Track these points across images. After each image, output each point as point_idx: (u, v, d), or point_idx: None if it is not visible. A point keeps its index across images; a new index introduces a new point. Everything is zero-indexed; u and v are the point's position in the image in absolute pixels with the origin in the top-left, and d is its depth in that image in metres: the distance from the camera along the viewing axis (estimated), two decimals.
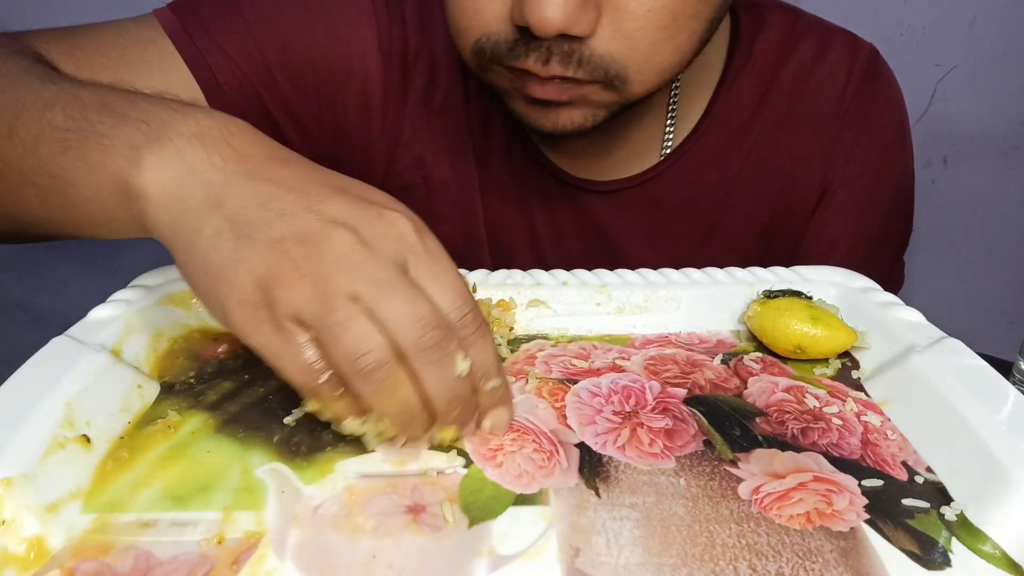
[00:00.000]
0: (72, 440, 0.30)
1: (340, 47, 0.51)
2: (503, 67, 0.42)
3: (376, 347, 0.28)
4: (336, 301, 0.28)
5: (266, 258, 0.28)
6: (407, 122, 0.54)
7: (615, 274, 0.45)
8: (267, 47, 0.50)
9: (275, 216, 0.29)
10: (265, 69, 0.50)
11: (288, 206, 0.30)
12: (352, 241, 0.29)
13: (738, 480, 0.31)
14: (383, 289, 0.29)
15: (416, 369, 0.29)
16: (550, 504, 0.30)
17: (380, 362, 0.29)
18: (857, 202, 0.57)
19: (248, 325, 0.29)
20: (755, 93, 0.55)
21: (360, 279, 0.29)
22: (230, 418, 0.34)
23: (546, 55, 0.40)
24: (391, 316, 0.29)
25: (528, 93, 0.43)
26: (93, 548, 0.27)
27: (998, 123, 0.95)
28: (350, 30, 0.51)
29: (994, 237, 1.02)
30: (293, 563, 0.27)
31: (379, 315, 0.29)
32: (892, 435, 0.35)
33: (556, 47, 0.39)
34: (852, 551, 0.28)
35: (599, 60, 0.40)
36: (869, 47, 0.56)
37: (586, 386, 0.37)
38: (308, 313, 0.28)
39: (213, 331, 0.41)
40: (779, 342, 0.40)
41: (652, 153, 0.55)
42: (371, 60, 0.52)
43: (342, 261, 0.29)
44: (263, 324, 0.29)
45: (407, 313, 0.29)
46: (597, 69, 0.41)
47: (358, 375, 0.29)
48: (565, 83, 0.42)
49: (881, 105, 0.56)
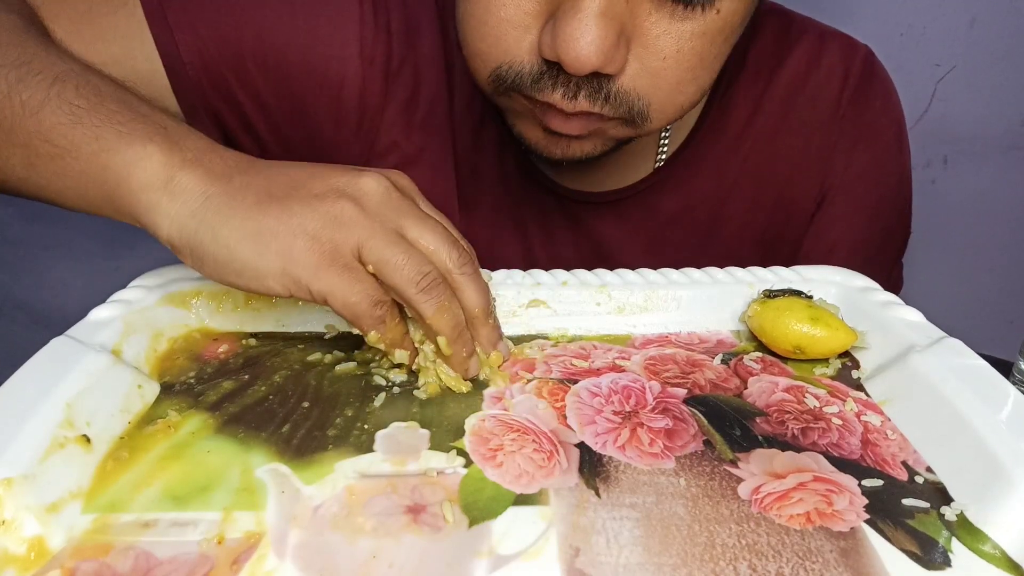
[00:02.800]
0: (72, 440, 0.30)
1: (319, 47, 0.50)
2: (523, 95, 0.41)
3: (431, 269, 0.35)
4: (390, 235, 0.34)
5: (316, 209, 0.33)
6: (384, 132, 0.52)
7: (615, 274, 0.45)
8: (243, 33, 0.48)
9: (307, 178, 0.35)
10: (237, 56, 0.49)
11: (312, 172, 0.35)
12: (385, 183, 0.35)
13: (738, 480, 0.31)
14: (417, 222, 0.35)
15: (457, 284, 0.36)
16: (550, 504, 0.30)
17: (437, 279, 0.35)
18: (856, 207, 0.57)
19: (318, 270, 0.33)
20: (750, 100, 0.54)
21: (400, 215, 0.35)
22: (230, 418, 0.34)
23: (574, 90, 0.39)
24: (432, 244, 0.35)
25: (548, 126, 0.42)
26: (93, 548, 0.27)
27: (998, 123, 0.95)
28: (332, 31, 0.50)
29: (994, 237, 1.02)
30: (293, 563, 0.27)
31: (421, 244, 0.35)
32: (892, 435, 0.35)
33: (584, 83, 0.39)
34: (852, 551, 0.28)
35: (624, 97, 0.40)
36: (864, 49, 0.56)
37: (586, 386, 0.37)
38: (369, 248, 0.33)
39: (213, 331, 0.41)
40: (779, 342, 0.40)
41: (647, 163, 0.54)
42: (349, 65, 0.50)
43: (382, 201, 0.35)
44: (332, 266, 0.33)
45: (440, 238, 0.35)
46: (622, 106, 0.40)
47: (422, 293, 0.34)
48: (590, 118, 0.41)
49: (878, 109, 0.56)
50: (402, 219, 0.35)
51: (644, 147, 0.53)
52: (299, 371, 0.38)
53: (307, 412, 0.35)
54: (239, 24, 0.48)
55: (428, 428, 0.34)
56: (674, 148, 0.54)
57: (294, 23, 0.49)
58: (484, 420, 0.35)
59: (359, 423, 0.34)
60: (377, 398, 0.36)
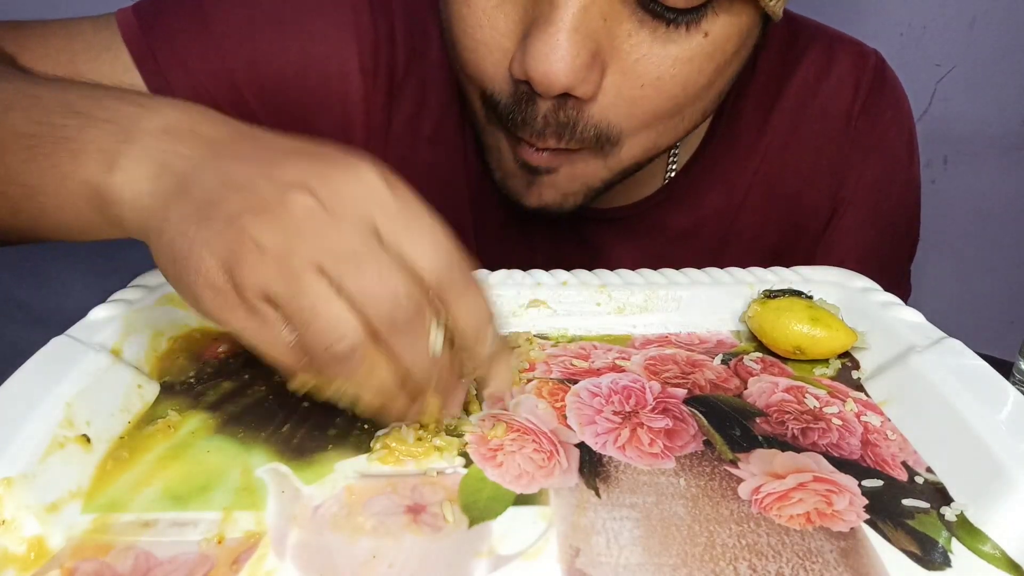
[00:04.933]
0: (72, 440, 0.30)
1: (316, 67, 0.47)
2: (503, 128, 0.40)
3: (348, 332, 0.26)
4: (302, 278, 0.26)
5: (226, 237, 0.26)
6: (391, 149, 0.50)
7: (615, 274, 0.45)
8: (234, 65, 0.46)
9: (233, 191, 0.27)
10: (232, 87, 0.46)
11: (245, 178, 0.27)
12: (311, 205, 0.26)
13: (738, 480, 0.31)
14: (349, 262, 0.26)
15: (391, 346, 0.27)
16: (550, 504, 0.30)
17: (353, 347, 0.27)
18: (867, 219, 0.56)
19: (219, 310, 0.27)
20: (759, 112, 0.53)
21: (323, 249, 0.26)
22: (230, 418, 0.34)
23: (542, 123, 0.38)
24: (360, 293, 0.26)
25: (521, 156, 0.41)
26: (93, 548, 0.27)
27: (998, 123, 0.95)
28: (328, 49, 0.47)
29: (994, 237, 1.02)
30: (293, 563, 0.27)
31: (347, 291, 0.26)
32: (892, 435, 0.35)
33: (552, 115, 0.37)
34: (852, 551, 0.28)
35: (594, 124, 0.38)
36: (875, 55, 0.54)
37: (586, 386, 0.37)
38: (276, 292, 0.26)
39: (213, 331, 0.41)
40: (779, 343, 0.40)
41: (655, 179, 0.53)
42: (351, 81, 0.48)
43: (303, 229, 0.26)
44: (235, 308, 0.27)
45: (377, 289, 0.26)
46: (589, 131, 0.38)
47: (332, 360, 0.27)
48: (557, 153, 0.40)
49: (889, 119, 0.54)
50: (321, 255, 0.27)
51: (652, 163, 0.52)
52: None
53: (307, 412, 0.35)
54: (230, 56, 0.46)
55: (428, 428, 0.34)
56: (683, 163, 0.53)
57: (286, 46, 0.47)
58: (484, 420, 0.35)
59: (359, 423, 0.34)
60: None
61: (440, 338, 0.28)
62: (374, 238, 0.27)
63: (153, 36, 0.45)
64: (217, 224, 0.27)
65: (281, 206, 0.26)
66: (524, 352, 0.41)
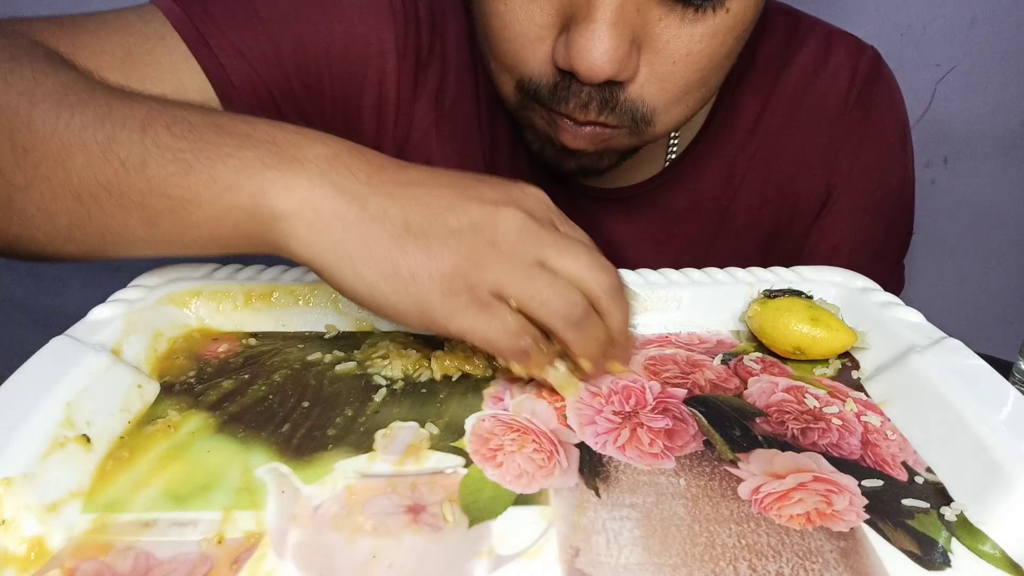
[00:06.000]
0: (72, 440, 0.30)
1: (359, 47, 0.49)
2: (543, 107, 0.42)
3: (580, 300, 0.33)
4: (531, 270, 0.32)
5: (455, 247, 0.32)
6: (416, 124, 0.53)
7: None
8: (282, 47, 0.48)
9: (445, 210, 0.32)
10: (280, 70, 0.48)
11: (451, 200, 0.33)
12: (522, 216, 0.33)
13: (738, 480, 0.31)
14: (561, 250, 0.33)
15: (605, 310, 0.34)
16: (550, 504, 0.30)
17: (587, 310, 0.33)
18: (860, 207, 0.57)
19: (455, 312, 0.32)
20: (758, 98, 0.54)
21: (541, 246, 0.33)
22: (230, 418, 0.34)
23: (586, 99, 0.40)
24: (577, 270, 0.33)
25: (560, 140, 0.43)
26: (93, 548, 0.27)
27: (998, 123, 0.95)
28: (369, 30, 0.50)
29: (994, 237, 1.02)
30: (293, 563, 0.27)
31: (567, 273, 0.33)
32: (892, 435, 0.35)
33: (596, 93, 0.39)
34: (852, 551, 0.28)
35: (630, 104, 0.40)
36: (871, 50, 0.56)
37: (586, 386, 0.37)
38: (509, 286, 0.32)
39: (213, 331, 0.41)
40: (778, 343, 0.40)
41: (657, 161, 0.55)
42: (388, 61, 0.50)
43: (521, 234, 0.33)
44: (468, 307, 0.32)
45: (586, 263, 0.33)
46: (626, 114, 0.41)
47: (572, 326, 0.33)
48: (596, 128, 0.42)
49: (883, 110, 0.56)
50: (542, 249, 0.33)
51: (655, 145, 0.54)
52: (299, 371, 0.38)
53: (307, 412, 0.35)
54: (278, 39, 0.48)
55: (428, 428, 0.34)
56: (684, 146, 0.55)
57: (331, 28, 0.49)
58: (484, 420, 0.35)
59: (359, 423, 0.34)
60: (377, 398, 0.36)
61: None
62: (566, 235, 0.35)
63: (203, 23, 0.46)
64: (442, 239, 0.32)
65: (496, 220, 0.33)
66: None
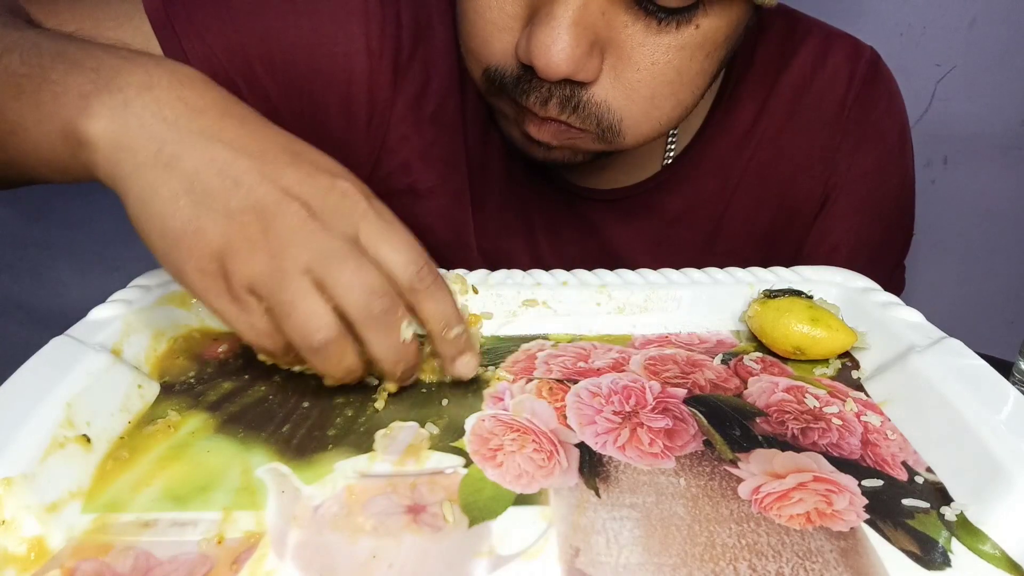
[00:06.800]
0: (72, 440, 0.30)
1: (324, 46, 0.49)
2: (509, 97, 0.42)
3: (325, 325, 0.31)
4: (288, 276, 0.30)
5: (223, 229, 0.30)
6: (393, 127, 0.52)
7: (615, 274, 0.45)
8: (248, 39, 0.48)
9: (232, 185, 0.30)
10: (245, 61, 0.48)
11: (244, 174, 0.31)
12: (305, 216, 0.31)
13: (738, 480, 0.31)
14: (332, 261, 0.30)
15: (364, 336, 0.32)
16: (550, 504, 0.30)
17: (328, 338, 0.31)
18: (859, 208, 0.57)
19: (205, 292, 0.31)
20: (756, 100, 0.54)
21: (311, 252, 0.30)
22: (230, 418, 0.34)
23: (546, 95, 0.40)
24: (340, 286, 0.30)
25: (526, 130, 0.43)
26: (93, 548, 0.27)
27: (998, 123, 0.95)
28: (336, 28, 0.49)
29: (994, 237, 1.02)
30: (293, 563, 0.27)
31: (328, 286, 0.30)
32: (892, 435, 0.35)
33: (557, 90, 0.40)
34: (852, 551, 0.28)
35: (595, 108, 0.40)
36: (869, 51, 0.56)
37: (586, 386, 0.37)
38: (262, 286, 0.30)
39: (213, 331, 0.41)
40: (778, 343, 0.40)
41: (654, 162, 0.55)
42: (356, 61, 0.50)
43: (296, 235, 0.30)
44: (220, 293, 0.31)
45: (355, 282, 0.31)
46: (591, 118, 0.41)
47: (308, 349, 0.31)
48: (560, 126, 0.42)
49: (882, 110, 0.56)
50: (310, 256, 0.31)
51: (651, 146, 0.53)
52: (299, 371, 0.38)
53: (307, 412, 0.35)
54: (244, 31, 0.48)
55: (428, 428, 0.34)
56: (681, 147, 0.55)
57: (298, 24, 0.49)
58: (484, 420, 0.35)
59: (359, 423, 0.34)
60: (377, 397, 0.36)
61: (410, 331, 0.33)
62: (356, 244, 0.32)
63: (173, 8, 0.47)
64: (215, 215, 0.30)
65: (279, 213, 0.30)
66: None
